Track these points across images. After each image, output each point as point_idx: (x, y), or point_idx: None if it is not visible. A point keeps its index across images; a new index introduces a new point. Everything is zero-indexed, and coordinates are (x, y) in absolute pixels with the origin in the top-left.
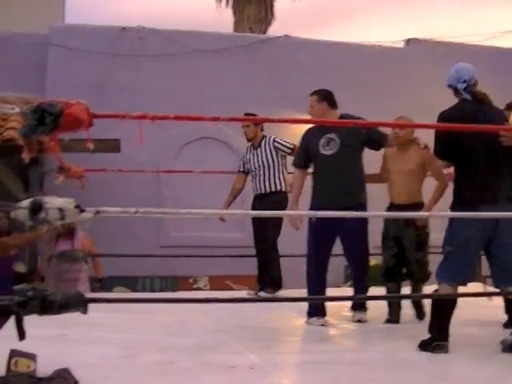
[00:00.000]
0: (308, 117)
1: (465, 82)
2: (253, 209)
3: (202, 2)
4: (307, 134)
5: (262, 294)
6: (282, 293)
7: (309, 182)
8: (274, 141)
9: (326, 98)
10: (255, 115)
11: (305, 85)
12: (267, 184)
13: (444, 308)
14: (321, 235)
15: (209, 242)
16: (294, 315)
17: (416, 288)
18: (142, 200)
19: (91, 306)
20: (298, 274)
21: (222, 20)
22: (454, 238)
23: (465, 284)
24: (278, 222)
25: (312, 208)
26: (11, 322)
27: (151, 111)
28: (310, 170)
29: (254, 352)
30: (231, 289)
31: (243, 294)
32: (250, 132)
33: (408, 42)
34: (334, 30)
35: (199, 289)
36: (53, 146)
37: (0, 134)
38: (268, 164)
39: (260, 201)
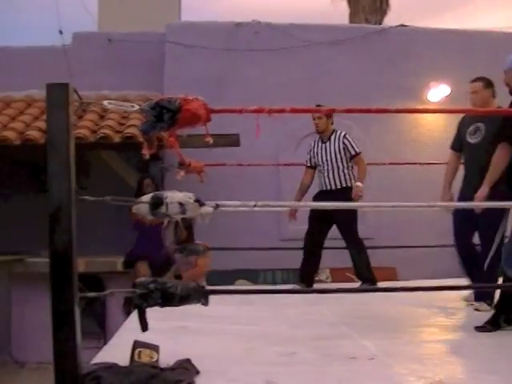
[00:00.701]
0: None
1: None
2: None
3: None
4: (462, 120)
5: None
6: (400, 283)
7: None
8: (345, 137)
9: (491, 85)
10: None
11: (422, 74)
12: (336, 180)
13: None
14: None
15: (330, 235)
16: (412, 306)
17: None
18: (261, 193)
19: (213, 299)
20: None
21: (337, 12)
22: None
23: None
24: (353, 216)
25: (458, 197)
26: (135, 315)
27: (269, 105)
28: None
29: (374, 343)
30: (352, 281)
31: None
32: (322, 124)
33: None
34: (448, 17)
35: (321, 281)
36: (172, 141)
37: (121, 132)
38: (336, 159)
39: (327, 197)
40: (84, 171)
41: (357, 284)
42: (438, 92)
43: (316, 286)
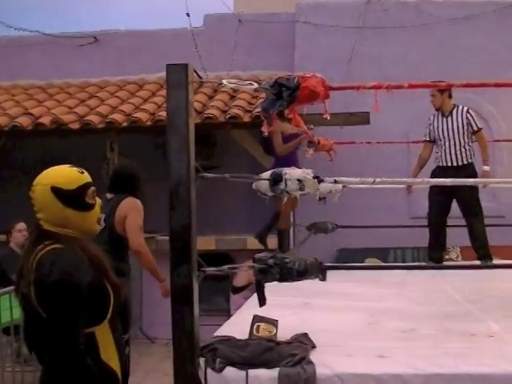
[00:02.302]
0: None
1: None
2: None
3: None
4: None
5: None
6: None
7: None
8: (468, 112)
9: None
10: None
11: None
12: (458, 156)
13: None
14: None
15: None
16: None
17: None
18: (392, 171)
19: (341, 277)
20: None
21: None
22: None
23: None
24: (477, 194)
25: None
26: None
27: (398, 82)
28: None
29: (495, 320)
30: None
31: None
32: (436, 101)
33: None
34: None
35: (451, 259)
36: (298, 119)
37: (251, 112)
38: (459, 134)
39: (447, 173)
40: (213, 150)
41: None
42: None
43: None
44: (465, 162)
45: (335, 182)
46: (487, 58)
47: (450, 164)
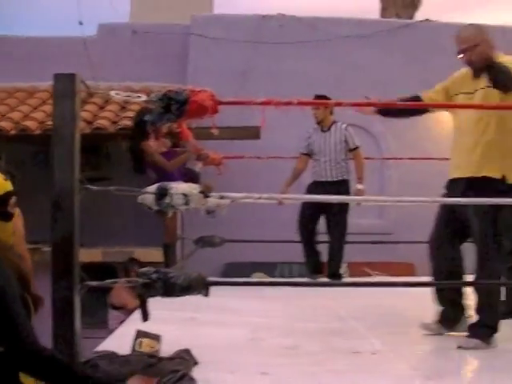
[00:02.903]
0: None
1: None
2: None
3: None
4: None
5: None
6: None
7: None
8: (346, 129)
9: None
10: (328, 98)
11: (447, 69)
12: (333, 172)
13: None
14: None
15: (348, 229)
16: (427, 302)
17: None
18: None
19: (227, 292)
20: None
21: (368, 7)
22: None
23: None
24: (347, 211)
25: None
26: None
27: (293, 98)
28: None
29: (380, 338)
30: (369, 275)
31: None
32: (320, 114)
33: None
34: (483, 12)
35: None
36: (186, 133)
37: (115, 123)
38: (336, 150)
39: (325, 188)
40: (102, 161)
41: (375, 279)
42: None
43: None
44: (340, 178)
45: (221, 197)
46: (379, 75)
47: (325, 179)
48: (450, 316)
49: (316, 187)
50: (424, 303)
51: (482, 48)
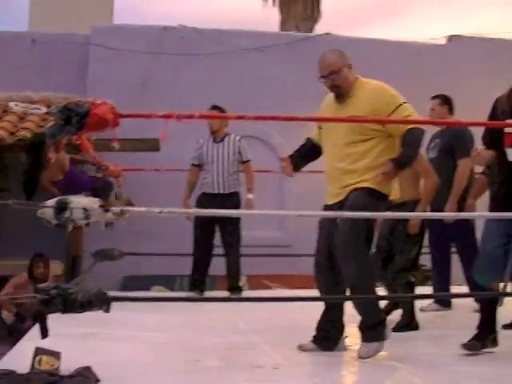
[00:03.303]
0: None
1: None
2: (206, 208)
3: (248, 1)
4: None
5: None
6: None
7: None
8: (240, 141)
9: (447, 102)
10: (223, 109)
11: None
12: (227, 184)
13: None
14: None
15: (248, 241)
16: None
17: None
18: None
19: (128, 306)
20: None
21: (269, 19)
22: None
23: None
24: (239, 224)
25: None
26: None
27: (194, 110)
28: None
29: (281, 352)
30: (269, 288)
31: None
32: (216, 124)
33: (450, 38)
34: (381, 27)
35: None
36: (86, 145)
37: (13, 134)
38: (229, 162)
39: (214, 200)
40: (2, 173)
41: (275, 291)
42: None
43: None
44: (232, 190)
45: (121, 211)
46: (279, 88)
47: (217, 191)
48: (331, 337)
49: (207, 199)
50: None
51: (345, 71)
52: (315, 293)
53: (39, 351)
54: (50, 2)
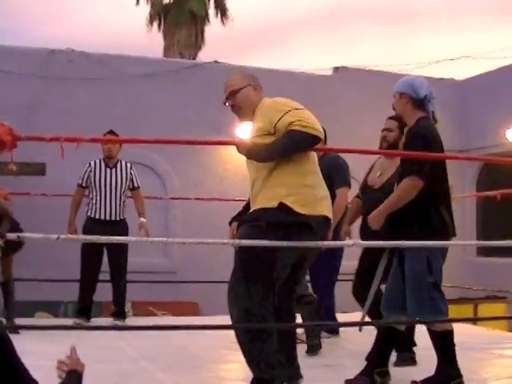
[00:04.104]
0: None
1: (426, 96)
2: (95, 234)
3: (133, 26)
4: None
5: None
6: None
7: None
8: (131, 168)
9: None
10: (117, 134)
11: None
12: (118, 210)
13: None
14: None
15: (132, 268)
16: (215, 341)
17: None
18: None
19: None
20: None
21: (153, 45)
22: (430, 267)
23: None
24: (127, 250)
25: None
26: None
27: (81, 134)
28: None
29: (172, 378)
30: (154, 315)
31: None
32: (115, 150)
33: (336, 69)
34: (264, 56)
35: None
36: None
37: None
38: (122, 188)
39: (107, 227)
40: None
41: (160, 318)
42: (246, 128)
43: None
44: (121, 217)
45: (18, 237)
46: (167, 115)
47: (108, 218)
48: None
49: (93, 225)
50: (209, 342)
51: (246, 91)
52: (201, 320)
53: None
54: None
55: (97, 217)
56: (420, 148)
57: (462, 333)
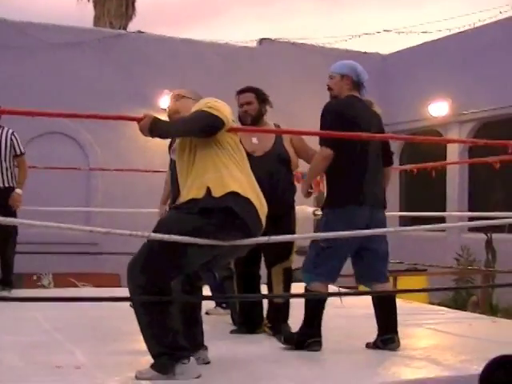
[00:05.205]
0: None
1: (359, 76)
2: None
3: None
4: None
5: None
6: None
7: None
8: (13, 134)
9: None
10: None
11: (157, 81)
12: (5, 178)
13: (319, 305)
14: None
15: (54, 239)
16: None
17: None
18: None
19: None
20: None
21: (83, 15)
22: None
23: (333, 282)
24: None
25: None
26: None
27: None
28: None
29: (84, 351)
30: (76, 286)
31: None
32: None
33: (261, 41)
34: (199, 28)
35: (43, 286)
36: None
37: None
38: (5, 156)
39: None
40: None
41: (81, 290)
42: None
43: (37, 291)
44: (7, 184)
45: None
46: (90, 86)
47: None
48: None
49: None
50: (127, 314)
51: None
52: (120, 292)
53: None
54: None
55: None
56: (326, 122)
57: None
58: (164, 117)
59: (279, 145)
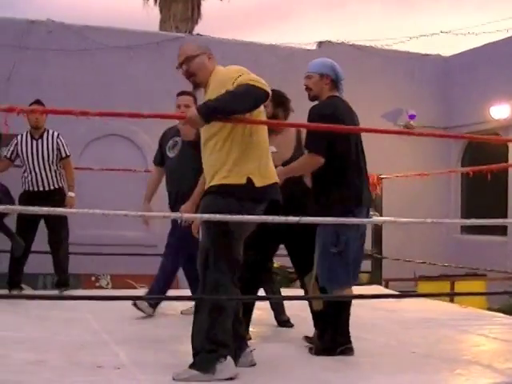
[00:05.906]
0: None
1: (338, 76)
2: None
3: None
4: (163, 135)
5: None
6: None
7: None
8: (58, 137)
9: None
10: (44, 104)
11: None
12: (50, 180)
13: (346, 311)
14: None
15: (112, 240)
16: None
17: None
18: None
19: None
20: None
21: (149, 18)
22: (338, 240)
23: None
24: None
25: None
26: None
27: (58, 106)
28: None
29: (127, 352)
30: (133, 287)
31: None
32: (42, 120)
33: (320, 44)
34: (264, 31)
35: (101, 287)
36: None
37: None
38: (50, 159)
39: (38, 198)
40: None
41: (139, 290)
42: None
43: (95, 291)
44: (55, 186)
45: None
46: (145, 88)
47: (38, 189)
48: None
49: (29, 197)
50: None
51: (200, 59)
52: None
53: None
54: None
55: (29, 189)
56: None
57: (429, 309)
58: None
59: (299, 154)
